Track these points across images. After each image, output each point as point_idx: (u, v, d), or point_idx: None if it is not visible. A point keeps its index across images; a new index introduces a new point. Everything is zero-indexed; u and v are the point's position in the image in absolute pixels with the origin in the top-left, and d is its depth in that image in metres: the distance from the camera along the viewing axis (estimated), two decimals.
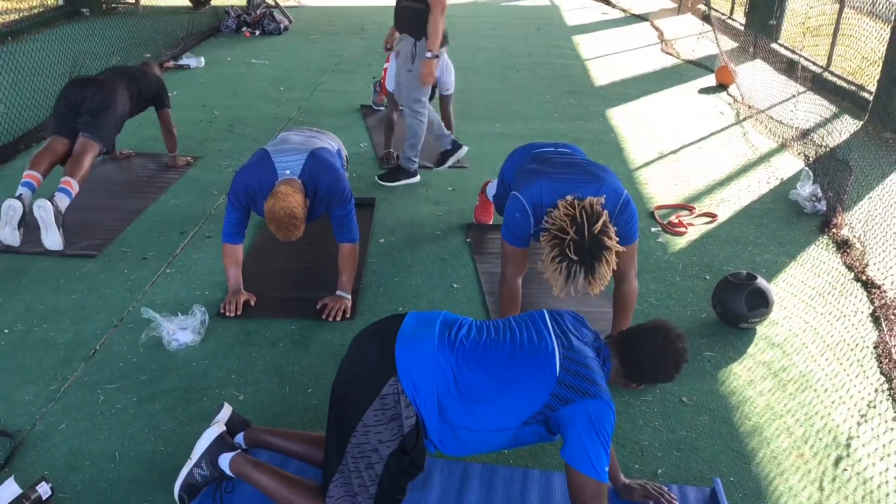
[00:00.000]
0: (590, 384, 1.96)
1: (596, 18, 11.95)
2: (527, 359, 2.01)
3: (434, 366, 2.00)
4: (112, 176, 4.58)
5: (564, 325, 2.13)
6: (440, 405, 1.98)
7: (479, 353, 2.03)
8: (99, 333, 3.12)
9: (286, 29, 9.75)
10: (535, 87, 7.50)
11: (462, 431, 2.02)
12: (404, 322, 2.13)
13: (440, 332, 2.08)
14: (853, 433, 2.74)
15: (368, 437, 1.99)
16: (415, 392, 1.98)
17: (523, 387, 1.98)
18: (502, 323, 2.17)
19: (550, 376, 1.96)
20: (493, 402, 1.98)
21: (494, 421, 2.00)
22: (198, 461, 2.22)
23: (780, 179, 5.15)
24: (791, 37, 8.63)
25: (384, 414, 1.98)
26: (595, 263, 2.52)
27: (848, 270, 3.92)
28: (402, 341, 2.04)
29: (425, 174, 5.01)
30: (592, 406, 1.93)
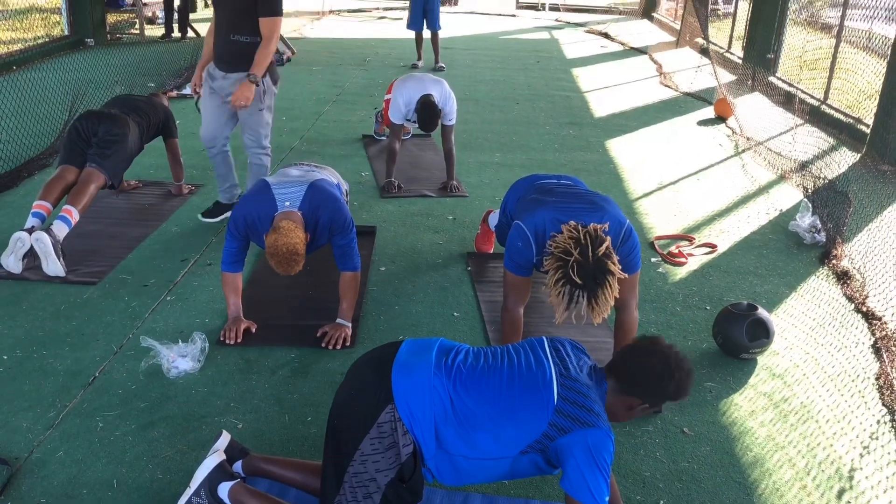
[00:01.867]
0: (588, 413, 1.94)
1: (595, 52, 12.08)
2: (524, 387, 2.00)
3: (431, 392, 1.99)
4: (115, 203, 4.60)
5: (564, 353, 2.12)
6: (437, 432, 1.97)
7: (476, 378, 2.02)
8: (98, 360, 3.11)
9: (289, 60, 9.85)
10: (535, 118, 7.56)
11: (459, 459, 2.00)
12: (400, 349, 2.12)
13: (437, 359, 2.07)
14: (856, 465, 2.72)
15: (366, 466, 1.97)
16: (412, 419, 1.97)
17: (521, 415, 1.96)
18: (500, 349, 2.16)
19: (548, 405, 1.95)
20: (491, 430, 1.97)
21: (492, 449, 1.98)
22: (196, 490, 2.20)
23: (779, 210, 5.18)
24: (788, 70, 8.72)
25: (381, 442, 1.97)
26: (598, 288, 2.51)
27: (848, 301, 3.92)
28: (399, 368, 2.04)
29: (426, 203, 5.04)
30: (591, 436, 1.92)
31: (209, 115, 4.33)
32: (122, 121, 4.25)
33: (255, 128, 4.35)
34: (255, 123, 4.33)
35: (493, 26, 14.54)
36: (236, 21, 4.04)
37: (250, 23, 4.03)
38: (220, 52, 4.17)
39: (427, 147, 6.28)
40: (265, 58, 4.12)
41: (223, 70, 4.18)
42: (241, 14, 4.02)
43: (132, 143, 4.30)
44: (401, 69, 9.34)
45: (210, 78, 4.26)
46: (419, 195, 5.17)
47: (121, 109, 4.39)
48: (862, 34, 7.02)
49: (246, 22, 4.03)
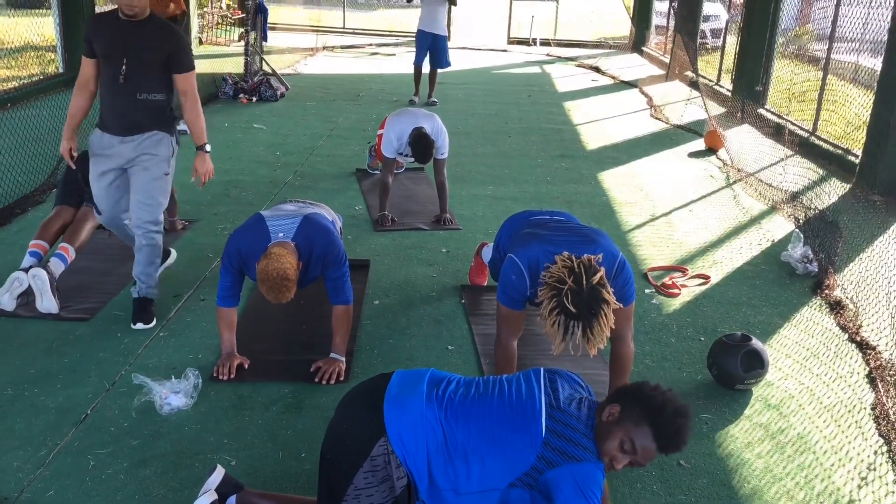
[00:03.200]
0: (575, 448, 1.94)
1: (586, 85, 12.21)
2: (513, 418, 1.99)
3: (423, 423, 1.98)
4: (107, 240, 4.58)
5: (558, 384, 2.10)
6: (430, 465, 1.96)
7: (466, 408, 2.02)
8: (90, 398, 3.09)
9: (283, 95, 9.92)
10: (528, 150, 7.62)
11: (449, 494, 1.98)
12: (391, 381, 2.11)
13: (428, 390, 2.06)
14: (854, 496, 2.70)
15: (360, 501, 1.96)
16: (405, 452, 1.96)
17: (509, 447, 1.95)
18: (493, 379, 2.15)
19: (536, 438, 1.95)
20: (479, 461, 1.96)
21: (480, 482, 1.97)
22: None
23: (771, 241, 5.20)
24: (777, 102, 8.82)
25: (374, 476, 1.95)
26: (593, 319, 2.51)
27: (842, 331, 3.92)
28: (390, 401, 2.03)
29: (420, 236, 5.05)
30: (579, 470, 1.91)
31: (106, 194, 3.69)
32: None
33: (156, 197, 3.69)
34: (157, 192, 3.70)
35: (484, 61, 14.69)
36: (146, 78, 3.56)
37: (163, 79, 3.62)
38: (119, 115, 3.58)
39: (420, 180, 6.31)
40: (201, 119, 3.80)
41: (121, 134, 3.58)
42: (152, 70, 3.56)
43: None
44: (394, 104, 9.41)
45: (99, 148, 3.63)
46: (413, 228, 5.19)
47: None
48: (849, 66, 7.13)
49: (158, 79, 3.60)
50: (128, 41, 3.48)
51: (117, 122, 3.59)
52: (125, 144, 3.60)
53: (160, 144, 3.68)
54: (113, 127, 3.60)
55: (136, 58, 3.50)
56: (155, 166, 3.66)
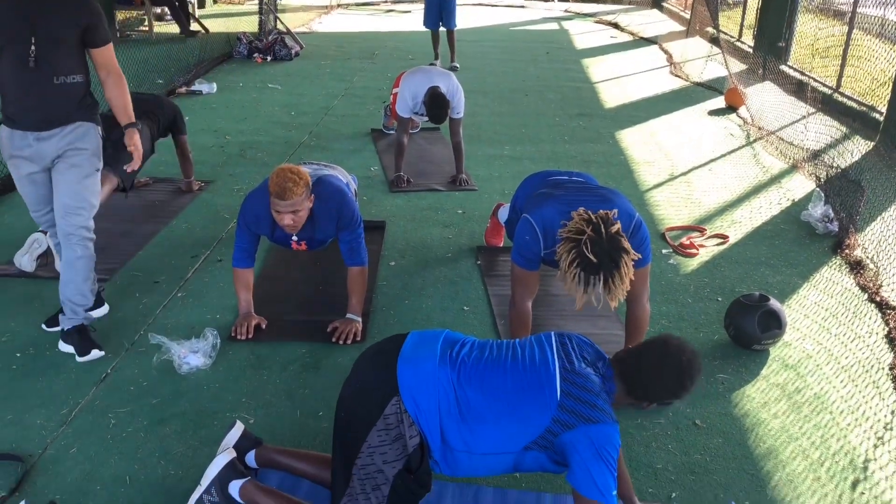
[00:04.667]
0: (591, 409, 1.93)
1: (605, 42, 12.02)
2: (527, 382, 1.99)
3: (435, 384, 1.98)
4: (125, 201, 4.60)
5: (570, 347, 2.10)
6: (442, 425, 1.97)
7: (479, 371, 2.02)
8: (110, 357, 3.13)
9: (297, 55, 9.85)
10: (545, 109, 7.53)
11: (461, 455, 2.00)
12: (405, 342, 2.12)
13: (441, 351, 2.07)
14: (870, 456, 2.70)
15: (373, 458, 1.98)
16: (417, 411, 1.97)
17: (523, 411, 1.96)
18: (506, 342, 2.15)
19: (551, 401, 1.94)
20: (492, 424, 1.96)
21: (494, 444, 1.98)
22: (207, 488, 2.21)
23: (791, 200, 5.14)
24: (800, 58, 8.64)
25: (388, 434, 1.97)
26: (613, 267, 2.49)
27: (861, 291, 3.88)
28: (404, 361, 2.04)
29: (435, 197, 5.03)
30: (595, 432, 1.91)
31: (37, 199, 3.15)
32: None
33: (88, 199, 3.10)
34: (89, 192, 3.11)
35: (502, 17, 14.48)
36: (62, 58, 2.93)
37: (80, 57, 3.00)
38: (31, 107, 2.94)
39: (436, 141, 6.27)
40: (128, 95, 3.17)
41: (36, 129, 2.97)
42: (68, 47, 2.93)
43: (144, 146, 4.30)
44: (409, 62, 9.31)
45: (13, 150, 3.02)
46: (428, 189, 5.16)
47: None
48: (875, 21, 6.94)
49: (76, 57, 2.97)
50: (33, 15, 2.85)
51: (29, 115, 2.95)
52: (43, 142, 2.98)
53: (87, 137, 3.07)
54: (24, 122, 2.96)
55: (46, 34, 2.86)
56: (85, 162, 3.07)
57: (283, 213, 3.09)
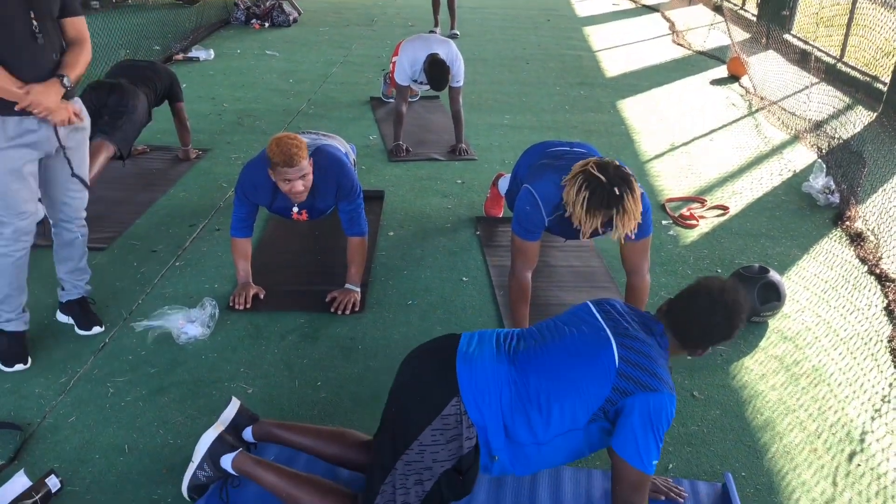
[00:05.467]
0: (650, 377, 1.91)
1: (606, 9, 11.88)
2: (585, 355, 1.96)
3: (496, 381, 1.96)
4: (122, 169, 4.58)
5: (616, 314, 2.07)
6: (505, 422, 1.94)
7: (534, 357, 2.00)
8: (109, 326, 3.12)
9: (295, 21, 9.73)
10: (546, 78, 7.46)
11: (530, 448, 1.97)
12: (461, 340, 2.09)
13: (497, 347, 2.05)
14: (867, 428, 2.71)
15: (423, 456, 1.95)
16: (479, 412, 1.94)
17: (584, 384, 1.93)
18: (551, 324, 2.13)
19: (610, 369, 1.92)
20: (556, 404, 1.93)
21: (559, 425, 1.95)
22: (200, 463, 2.22)
23: (792, 171, 5.11)
24: (804, 27, 8.55)
25: (444, 434, 1.94)
26: (624, 185, 2.52)
27: (861, 263, 3.87)
28: (462, 360, 2.00)
29: (435, 166, 4.99)
30: (653, 400, 1.88)
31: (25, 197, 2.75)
32: (131, 92, 4.22)
33: (87, 176, 2.97)
34: (87, 170, 2.97)
35: None
36: (55, 32, 2.74)
37: (59, 32, 2.77)
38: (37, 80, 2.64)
39: (435, 109, 6.21)
40: (84, 63, 2.83)
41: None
42: (54, 22, 2.73)
43: (141, 113, 4.28)
44: (409, 30, 9.21)
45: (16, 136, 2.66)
46: (427, 159, 5.13)
47: (129, 79, 4.35)
48: None
49: (58, 31, 2.77)
50: None
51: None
52: (47, 123, 2.71)
53: (82, 113, 2.88)
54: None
55: (42, 8, 2.67)
56: (84, 141, 2.93)
57: (295, 181, 3.05)
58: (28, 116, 2.65)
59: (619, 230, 2.59)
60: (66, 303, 3.11)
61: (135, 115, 4.19)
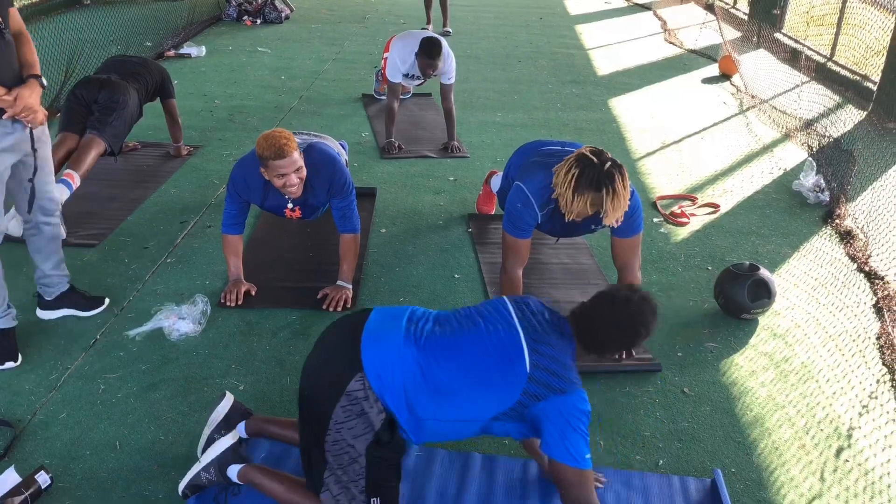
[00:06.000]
0: (559, 380, 1.94)
1: (599, 8, 11.89)
2: (497, 357, 1.97)
3: (401, 363, 1.96)
4: (113, 165, 4.56)
5: (529, 313, 2.08)
6: (408, 399, 1.95)
7: (446, 347, 1.99)
8: (100, 323, 3.12)
9: (287, 18, 9.71)
10: (538, 76, 7.47)
11: (430, 423, 1.99)
12: (370, 318, 2.08)
13: (406, 327, 2.04)
14: (855, 424, 2.73)
15: (342, 433, 1.95)
16: (382, 388, 1.94)
17: (494, 385, 1.95)
18: (466, 313, 2.12)
19: (521, 375, 1.94)
20: (463, 396, 1.96)
21: (463, 412, 1.97)
22: (206, 466, 2.22)
23: (783, 170, 5.13)
24: (795, 26, 8.58)
25: (352, 409, 1.94)
26: (614, 169, 2.58)
27: (851, 261, 3.90)
28: (368, 337, 2.00)
29: (427, 164, 5.00)
30: (565, 402, 1.92)
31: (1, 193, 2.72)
32: (122, 87, 4.20)
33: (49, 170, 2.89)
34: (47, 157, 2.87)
35: None
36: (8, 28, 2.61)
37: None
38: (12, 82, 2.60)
39: (427, 107, 6.21)
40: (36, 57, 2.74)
41: None
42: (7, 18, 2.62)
43: (132, 109, 4.26)
44: (401, 27, 9.20)
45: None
46: (420, 156, 5.13)
47: (120, 75, 4.34)
48: None
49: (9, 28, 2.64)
50: None
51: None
52: (21, 124, 2.66)
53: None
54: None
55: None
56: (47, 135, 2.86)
57: (289, 174, 3.03)
58: (1, 120, 2.59)
59: (609, 215, 2.62)
60: (57, 297, 3.10)
61: (125, 111, 4.18)
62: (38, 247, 3.00)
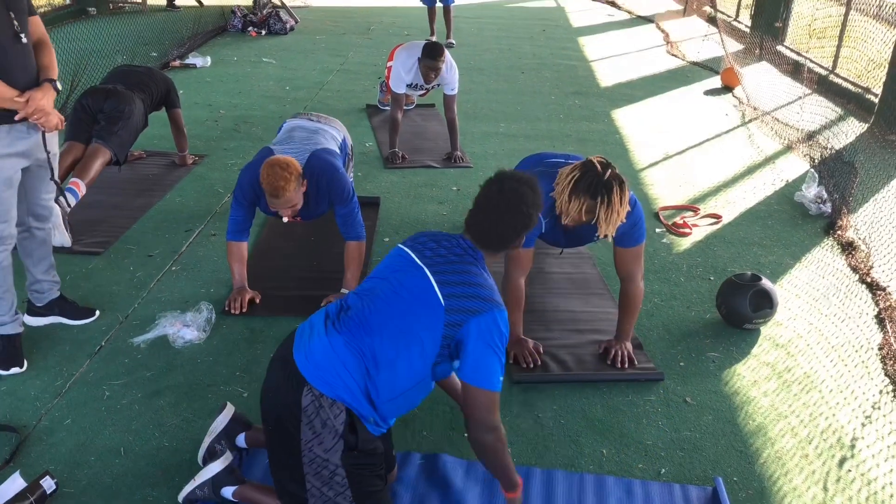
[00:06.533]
0: (473, 301, 1.93)
1: (601, 20, 11.95)
2: (413, 306, 1.97)
3: (334, 354, 1.95)
4: (119, 174, 4.59)
5: (427, 248, 2.07)
6: (361, 388, 1.95)
7: (367, 319, 1.99)
8: (105, 330, 3.13)
9: (292, 29, 9.77)
10: (541, 87, 7.50)
11: (386, 405, 1.99)
12: (295, 334, 2.08)
13: (325, 324, 2.03)
14: (858, 434, 2.73)
15: (314, 451, 1.95)
16: (333, 389, 1.93)
17: (421, 336, 1.95)
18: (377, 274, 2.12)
19: (439, 312, 1.93)
20: (403, 360, 1.95)
21: (411, 377, 1.98)
22: (201, 484, 2.23)
23: (785, 181, 5.15)
24: (797, 39, 8.61)
25: (315, 424, 1.94)
26: (612, 183, 2.60)
27: (853, 272, 3.91)
28: (298, 351, 2.00)
29: (430, 174, 5.02)
30: (481, 322, 1.92)
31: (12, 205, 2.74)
32: (127, 97, 4.24)
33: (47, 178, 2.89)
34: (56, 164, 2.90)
35: None
36: (28, 32, 2.66)
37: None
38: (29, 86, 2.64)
39: (431, 117, 6.24)
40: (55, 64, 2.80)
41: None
42: (27, 22, 2.67)
43: (137, 118, 4.30)
44: (405, 38, 9.24)
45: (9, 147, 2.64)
46: (423, 166, 5.15)
47: (125, 85, 4.38)
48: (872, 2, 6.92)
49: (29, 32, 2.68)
50: None
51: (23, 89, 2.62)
52: (36, 129, 2.71)
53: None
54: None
55: (16, 6, 2.60)
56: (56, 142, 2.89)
57: (280, 209, 3.16)
58: (17, 124, 2.63)
59: (602, 226, 2.64)
60: (47, 304, 3.12)
61: (131, 121, 4.22)
62: (28, 251, 3.01)
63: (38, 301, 3.12)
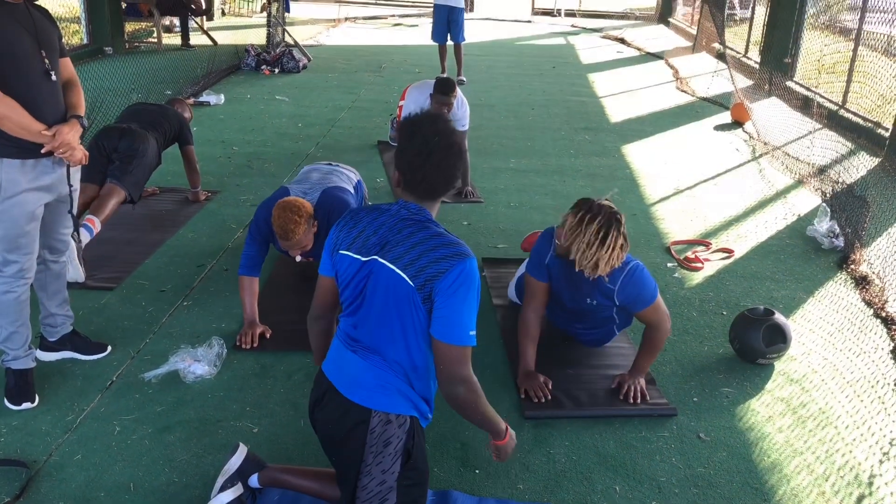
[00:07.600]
0: (433, 265, 1.90)
1: (611, 57, 12.06)
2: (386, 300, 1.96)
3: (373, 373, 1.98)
4: (132, 210, 4.63)
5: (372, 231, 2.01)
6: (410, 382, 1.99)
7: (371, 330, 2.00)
8: (116, 365, 3.14)
9: (305, 67, 9.90)
10: (551, 123, 7.55)
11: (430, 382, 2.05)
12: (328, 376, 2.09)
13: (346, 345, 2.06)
14: (875, 471, 2.69)
15: (373, 474, 1.98)
16: (392, 405, 1.96)
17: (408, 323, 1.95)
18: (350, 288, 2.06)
19: (411, 293, 1.91)
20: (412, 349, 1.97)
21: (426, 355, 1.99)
22: None
23: (796, 215, 5.14)
24: (806, 74, 8.65)
25: (377, 444, 1.97)
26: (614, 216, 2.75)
27: (867, 307, 3.88)
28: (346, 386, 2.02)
29: (441, 209, 5.01)
30: (447, 279, 1.89)
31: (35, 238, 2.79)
32: (141, 136, 4.30)
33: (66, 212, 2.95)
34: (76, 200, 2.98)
35: (508, 32, 14.55)
36: (58, 71, 2.76)
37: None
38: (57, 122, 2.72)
39: None
40: (83, 102, 2.92)
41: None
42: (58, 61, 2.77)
43: (151, 157, 4.36)
44: (416, 76, 9.36)
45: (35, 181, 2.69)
46: None
47: (139, 123, 4.44)
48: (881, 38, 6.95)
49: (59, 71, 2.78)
50: (31, 25, 2.63)
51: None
52: (60, 164, 2.78)
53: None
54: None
55: (49, 45, 2.69)
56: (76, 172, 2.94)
57: (291, 250, 3.28)
58: (43, 158, 2.70)
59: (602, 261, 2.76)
60: (59, 339, 3.13)
61: (145, 159, 4.27)
62: (43, 283, 3.03)
63: (51, 335, 3.13)
